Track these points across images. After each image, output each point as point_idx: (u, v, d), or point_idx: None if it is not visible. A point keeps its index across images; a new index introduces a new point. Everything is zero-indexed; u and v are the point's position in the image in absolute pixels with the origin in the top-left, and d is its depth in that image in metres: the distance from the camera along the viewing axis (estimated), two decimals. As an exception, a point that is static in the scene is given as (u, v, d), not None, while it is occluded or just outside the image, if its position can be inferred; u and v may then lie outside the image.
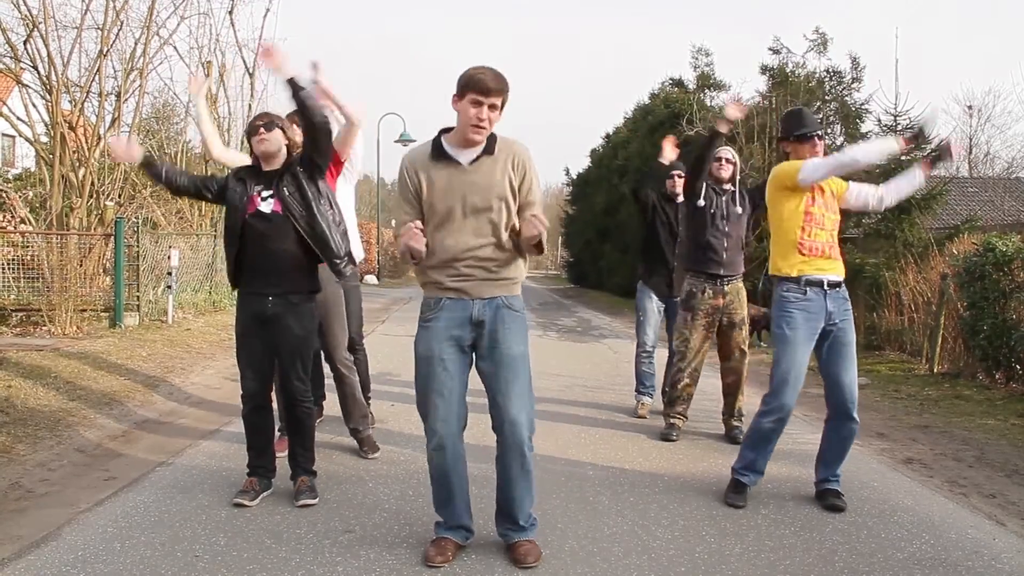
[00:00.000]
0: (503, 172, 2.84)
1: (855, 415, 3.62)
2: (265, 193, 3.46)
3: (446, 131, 2.89)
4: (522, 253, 2.93)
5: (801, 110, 3.99)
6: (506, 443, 2.89)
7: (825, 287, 3.59)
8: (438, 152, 2.86)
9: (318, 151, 3.49)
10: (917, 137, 3.59)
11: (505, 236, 2.86)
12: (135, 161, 3.63)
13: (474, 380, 2.94)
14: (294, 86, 3.31)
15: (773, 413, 3.60)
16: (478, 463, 3.10)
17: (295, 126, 4.25)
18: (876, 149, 3.52)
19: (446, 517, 2.99)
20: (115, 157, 3.63)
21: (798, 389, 3.59)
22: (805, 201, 3.62)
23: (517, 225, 2.87)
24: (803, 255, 3.60)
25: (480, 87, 2.74)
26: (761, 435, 3.66)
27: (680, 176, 5.49)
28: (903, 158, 3.47)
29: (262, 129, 3.52)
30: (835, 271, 3.65)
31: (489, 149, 2.85)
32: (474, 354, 2.93)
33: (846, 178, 3.81)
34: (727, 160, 4.85)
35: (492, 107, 2.76)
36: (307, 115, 3.38)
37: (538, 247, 2.83)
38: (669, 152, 5.31)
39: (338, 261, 3.54)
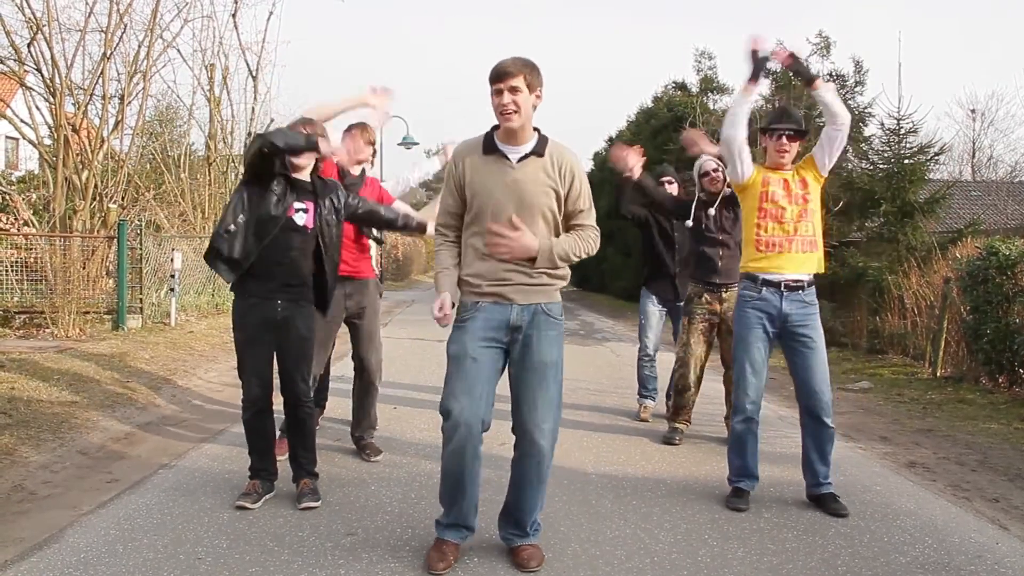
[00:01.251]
0: (549, 176, 2.83)
1: (827, 420, 3.57)
2: (298, 205, 3.48)
3: (497, 127, 2.88)
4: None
5: (783, 107, 3.97)
6: (526, 449, 2.85)
7: (782, 288, 3.54)
8: (489, 145, 2.86)
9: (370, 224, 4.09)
10: (759, 65, 3.49)
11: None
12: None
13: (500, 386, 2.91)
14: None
15: (737, 413, 3.65)
16: (484, 468, 3.09)
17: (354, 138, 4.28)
18: (734, 106, 3.58)
19: (448, 513, 2.91)
20: None
21: (754, 389, 3.58)
22: (759, 196, 3.61)
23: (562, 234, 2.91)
24: (759, 251, 3.58)
25: (494, 75, 2.77)
26: (735, 437, 3.68)
27: (671, 182, 5.46)
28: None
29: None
30: (796, 270, 3.54)
31: (539, 151, 2.83)
32: (507, 357, 2.88)
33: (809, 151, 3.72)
34: (714, 171, 4.75)
35: (513, 90, 2.74)
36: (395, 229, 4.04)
37: (531, 261, 2.80)
38: (634, 161, 4.75)
39: (329, 294, 3.68)
